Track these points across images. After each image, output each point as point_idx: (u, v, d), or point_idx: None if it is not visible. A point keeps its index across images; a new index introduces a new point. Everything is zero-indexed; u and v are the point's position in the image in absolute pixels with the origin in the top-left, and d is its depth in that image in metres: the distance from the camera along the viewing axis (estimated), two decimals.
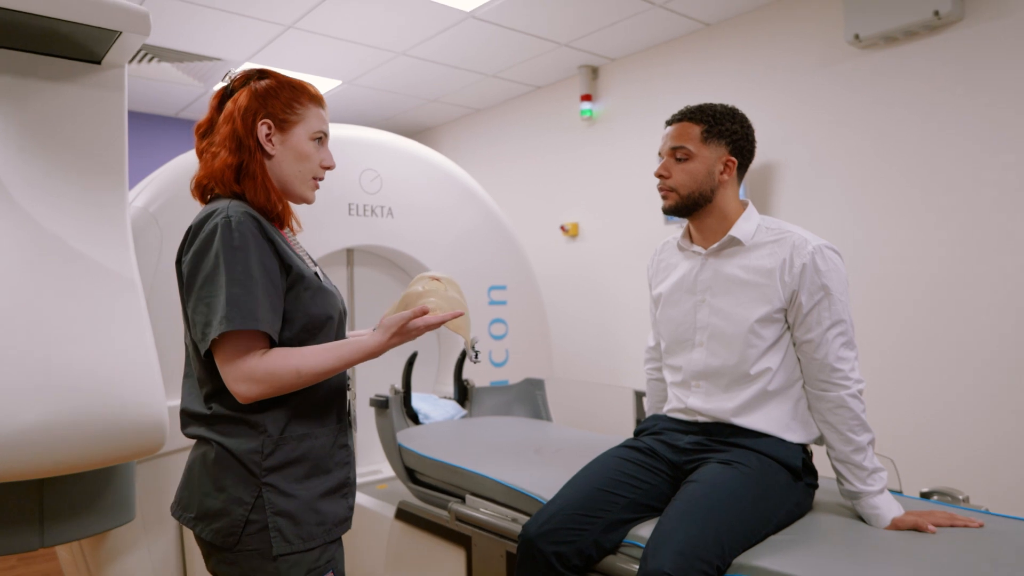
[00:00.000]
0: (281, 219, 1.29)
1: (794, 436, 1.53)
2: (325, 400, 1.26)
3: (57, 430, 1.83)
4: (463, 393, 2.69)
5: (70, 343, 1.91)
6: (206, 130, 1.30)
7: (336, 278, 3.09)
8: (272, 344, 1.17)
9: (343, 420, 1.30)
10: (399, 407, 2.44)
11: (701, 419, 1.60)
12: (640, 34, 3.70)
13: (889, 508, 1.44)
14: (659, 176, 1.62)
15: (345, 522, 1.27)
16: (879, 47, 2.92)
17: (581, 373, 4.16)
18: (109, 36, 1.98)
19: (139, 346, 1.98)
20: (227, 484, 1.16)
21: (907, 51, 2.84)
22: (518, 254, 3.49)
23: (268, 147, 1.25)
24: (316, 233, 2.81)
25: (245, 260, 1.14)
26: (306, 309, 1.21)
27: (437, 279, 1.31)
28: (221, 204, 1.20)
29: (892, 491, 1.66)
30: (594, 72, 4.19)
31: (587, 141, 4.27)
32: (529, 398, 2.65)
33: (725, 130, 1.58)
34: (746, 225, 1.60)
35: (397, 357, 2.87)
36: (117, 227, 2.13)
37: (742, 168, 1.62)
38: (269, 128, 1.25)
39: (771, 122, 3.32)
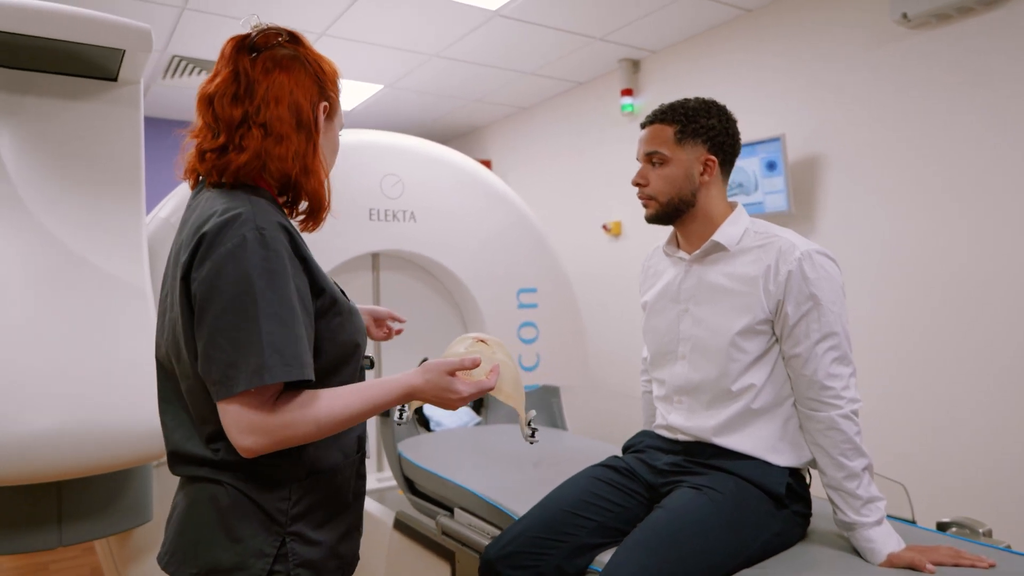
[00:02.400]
0: (321, 219, 1.09)
1: (781, 459, 1.40)
2: (349, 433, 1.10)
3: (68, 435, 1.90)
4: (478, 400, 2.65)
5: (81, 352, 1.98)
6: (221, 91, 1.02)
7: (362, 283, 3.11)
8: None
9: (362, 449, 1.14)
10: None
11: (682, 438, 1.49)
12: (679, 24, 3.54)
13: (886, 542, 1.29)
14: (636, 184, 1.53)
15: (356, 560, 1.14)
16: (930, 26, 2.67)
17: (622, 375, 4.04)
18: (116, 54, 2.05)
19: (145, 354, 2.04)
20: (245, 535, 0.98)
21: (961, 30, 2.59)
22: (550, 256, 3.41)
23: (316, 136, 1.05)
24: (336, 238, 2.83)
25: (284, 288, 0.93)
26: (335, 337, 1.03)
27: (483, 341, 1.17)
28: (242, 206, 0.96)
29: (904, 521, 1.51)
30: (635, 65, 4.05)
31: (629, 137, 4.13)
32: (545, 406, 2.58)
33: (701, 127, 1.46)
34: (732, 229, 1.48)
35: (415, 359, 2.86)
36: (131, 238, 2.20)
37: (726, 165, 1.50)
38: (325, 111, 1.06)
39: (815, 111, 3.10)
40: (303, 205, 1.09)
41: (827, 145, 3.06)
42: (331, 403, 0.96)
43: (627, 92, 4.03)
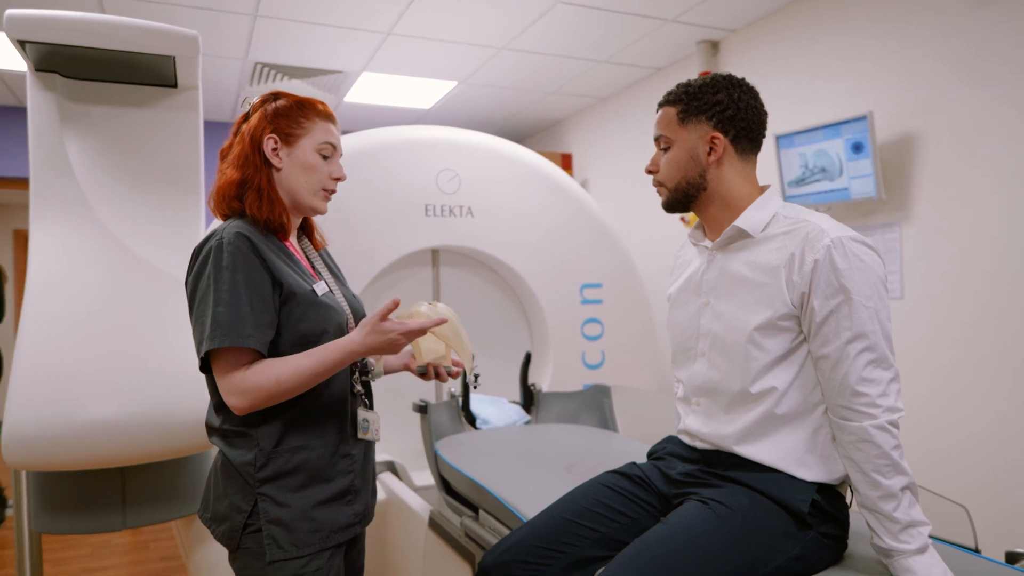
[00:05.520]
0: (286, 230, 1.32)
1: (808, 473, 1.24)
2: (323, 412, 1.29)
3: (129, 423, 2.01)
4: (528, 398, 2.58)
5: (141, 345, 2.09)
6: (226, 153, 1.36)
7: (421, 279, 3.11)
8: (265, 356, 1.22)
9: (344, 431, 1.32)
10: (453, 411, 2.39)
11: (700, 445, 1.35)
12: (756, 0, 3.30)
13: (929, 573, 1.11)
14: (648, 172, 1.42)
15: (349, 528, 1.30)
16: None
17: None
18: (167, 61, 2.13)
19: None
20: (230, 491, 1.24)
21: None
22: (616, 249, 3.28)
23: (275, 161, 1.30)
24: (392, 234, 2.85)
25: (232, 279, 1.19)
26: (296, 325, 1.24)
27: (431, 304, 1.33)
28: (220, 227, 1.26)
29: (965, 549, 1.30)
30: (714, 47, 3.82)
31: None
32: (597, 406, 2.47)
33: (704, 104, 1.32)
34: (757, 214, 1.32)
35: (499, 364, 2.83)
36: (188, 238, 2.30)
37: (741, 142, 1.34)
38: (275, 143, 1.30)
39: (907, 85, 2.79)
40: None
41: (921, 123, 2.74)
42: (285, 363, 1.19)
43: (706, 75, 3.81)
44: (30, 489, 2.21)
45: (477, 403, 2.51)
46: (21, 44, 2.00)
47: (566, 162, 5.15)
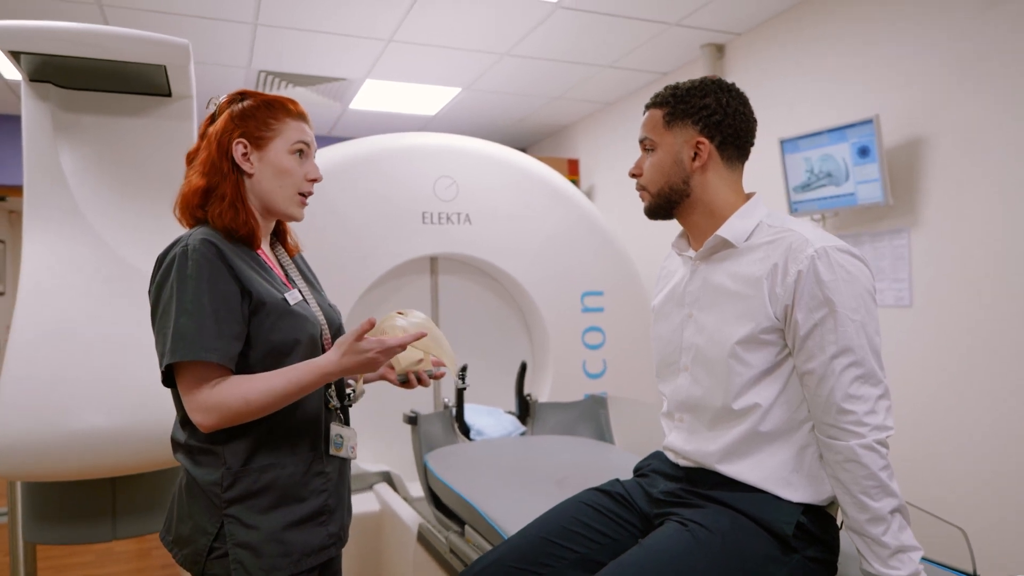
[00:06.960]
0: (255, 238, 1.25)
1: (794, 494, 1.19)
2: (296, 429, 1.22)
3: (120, 433, 2.00)
4: (524, 408, 2.53)
5: (133, 354, 2.07)
6: (193, 158, 1.29)
7: (419, 287, 3.08)
8: (234, 370, 1.16)
9: (318, 448, 1.25)
10: (447, 422, 2.35)
11: (683, 463, 1.31)
12: (761, 2, 3.24)
13: None
14: (632, 175, 1.37)
15: (323, 551, 1.23)
16: None
17: None
18: (159, 70, 2.13)
19: None
20: (194, 512, 1.17)
21: None
22: (618, 256, 3.23)
23: (246, 166, 1.23)
24: (388, 242, 2.82)
25: (197, 289, 1.13)
26: (267, 335, 1.18)
27: (401, 313, 1.25)
28: (185, 234, 1.21)
29: (963, 574, 1.24)
30: (719, 51, 3.77)
31: None
32: (593, 417, 2.42)
33: (691, 107, 1.28)
34: (741, 223, 1.28)
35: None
36: None
37: (728, 149, 1.30)
38: (245, 147, 1.23)
39: (914, 88, 2.72)
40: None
41: (929, 126, 2.67)
42: (255, 382, 1.13)
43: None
44: (22, 498, 2.21)
45: (472, 414, 2.47)
46: (14, 56, 2.01)
47: (573, 168, 5.11)
